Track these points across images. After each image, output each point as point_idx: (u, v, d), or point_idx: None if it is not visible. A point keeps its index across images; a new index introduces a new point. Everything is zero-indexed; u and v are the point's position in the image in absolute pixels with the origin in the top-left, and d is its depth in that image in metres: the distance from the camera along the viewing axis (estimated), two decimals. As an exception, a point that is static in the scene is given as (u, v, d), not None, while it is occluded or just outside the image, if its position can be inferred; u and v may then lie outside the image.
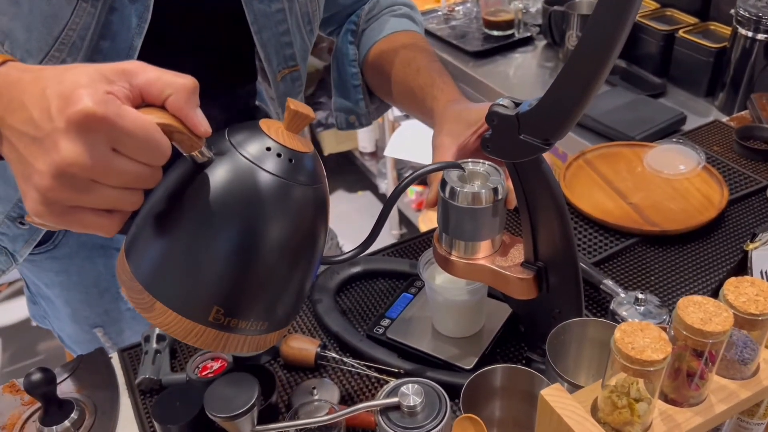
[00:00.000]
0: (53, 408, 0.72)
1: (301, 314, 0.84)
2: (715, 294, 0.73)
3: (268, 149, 0.50)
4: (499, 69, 1.70)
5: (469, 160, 0.66)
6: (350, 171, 2.89)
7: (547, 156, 0.60)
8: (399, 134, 2.31)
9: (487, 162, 0.66)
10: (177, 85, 0.44)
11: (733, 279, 0.51)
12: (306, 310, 0.85)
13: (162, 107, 0.45)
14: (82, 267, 0.91)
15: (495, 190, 0.64)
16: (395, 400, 0.56)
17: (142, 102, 0.45)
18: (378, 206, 2.67)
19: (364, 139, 2.67)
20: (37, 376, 0.69)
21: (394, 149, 2.29)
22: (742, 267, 0.68)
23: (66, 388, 0.77)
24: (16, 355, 2.16)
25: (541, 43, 1.79)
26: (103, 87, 0.42)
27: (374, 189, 2.75)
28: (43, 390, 0.70)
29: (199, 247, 0.49)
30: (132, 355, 0.81)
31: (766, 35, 1.29)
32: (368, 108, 0.99)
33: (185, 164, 0.49)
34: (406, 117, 2.47)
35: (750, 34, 1.31)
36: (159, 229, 0.49)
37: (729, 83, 1.38)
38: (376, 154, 2.69)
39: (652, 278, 0.86)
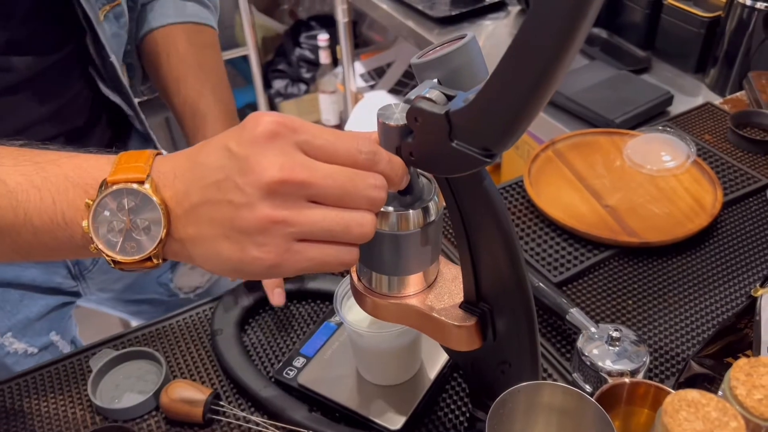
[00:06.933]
0: None
1: (196, 351, 0.68)
2: (715, 339, 0.58)
3: None
4: (466, 38, 1.52)
5: None
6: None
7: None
8: (362, 106, 2.13)
9: (419, 171, 0.49)
10: None
11: (743, 362, 0.36)
12: (201, 346, 0.68)
13: None
14: None
15: (425, 210, 0.47)
16: None
17: None
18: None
19: (327, 111, 2.48)
20: None
21: (357, 122, 2.11)
22: (747, 314, 0.53)
23: None
24: None
25: (515, 8, 1.60)
26: None
27: (339, 164, 2.58)
28: None
29: None
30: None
31: (766, 3, 1.13)
32: (138, 87, 0.86)
33: None
34: (370, 88, 2.28)
35: (748, 2, 1.14)
36: None
37: (722, 58, 1.22)
38: (340, 128, 2.51)
39: (629, 303, 0.71)
